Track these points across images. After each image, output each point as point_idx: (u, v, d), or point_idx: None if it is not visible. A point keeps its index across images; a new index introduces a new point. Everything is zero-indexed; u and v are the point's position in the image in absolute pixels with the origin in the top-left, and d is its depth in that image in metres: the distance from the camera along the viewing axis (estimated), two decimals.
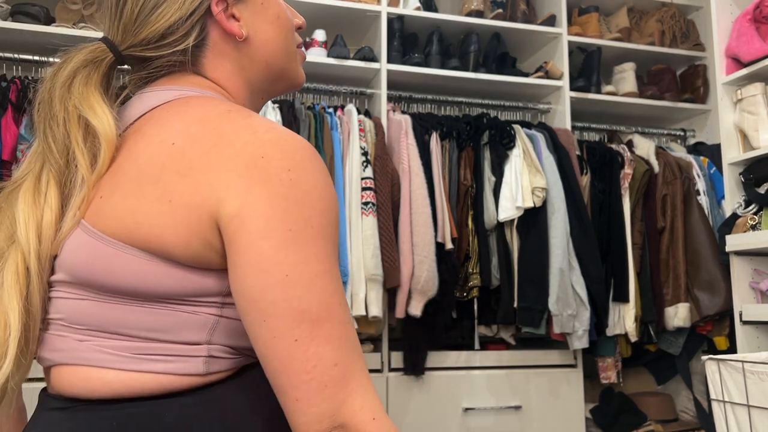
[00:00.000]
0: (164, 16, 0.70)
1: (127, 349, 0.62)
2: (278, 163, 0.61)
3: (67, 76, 0.68)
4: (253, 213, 0.59)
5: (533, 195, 2.39)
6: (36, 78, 2.22)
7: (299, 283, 0.59)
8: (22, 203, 0.64)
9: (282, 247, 0.59)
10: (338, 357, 0.60)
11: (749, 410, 1.49)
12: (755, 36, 2.26)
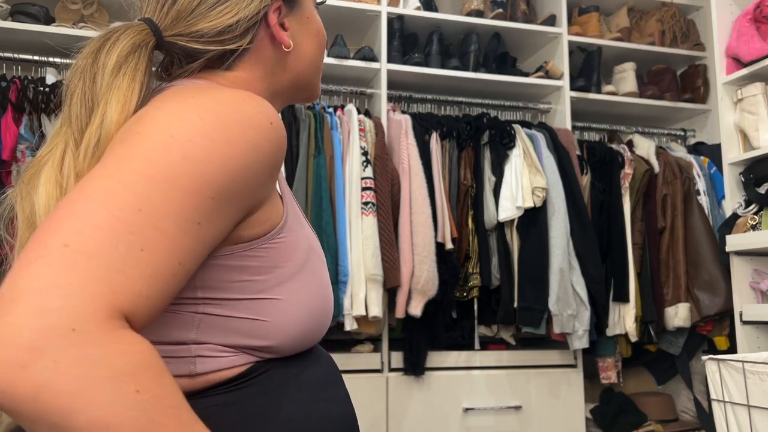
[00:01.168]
0: (227, 14, 0.69)
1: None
2: (151, 107, 0.60)
3: (116, 63, 0.64)
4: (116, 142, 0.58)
5: (533, 195, 2.39)
6: (36, 78, 2.22)
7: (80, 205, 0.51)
8: (42, 192, 0.61)
9: (110, 150, 0.57)
10: (74, 240, 0.49)
11: (749, 410, 1.49)
12: (755, 36, 2.26)
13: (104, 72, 0.63)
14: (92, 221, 0.50)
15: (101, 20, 2.49)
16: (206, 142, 0.56)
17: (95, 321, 0.46)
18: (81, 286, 0.47)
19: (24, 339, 0.44)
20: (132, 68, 0.64)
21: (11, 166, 2.06)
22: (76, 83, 0.64)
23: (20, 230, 0.62)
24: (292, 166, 2.27)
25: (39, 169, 0.63)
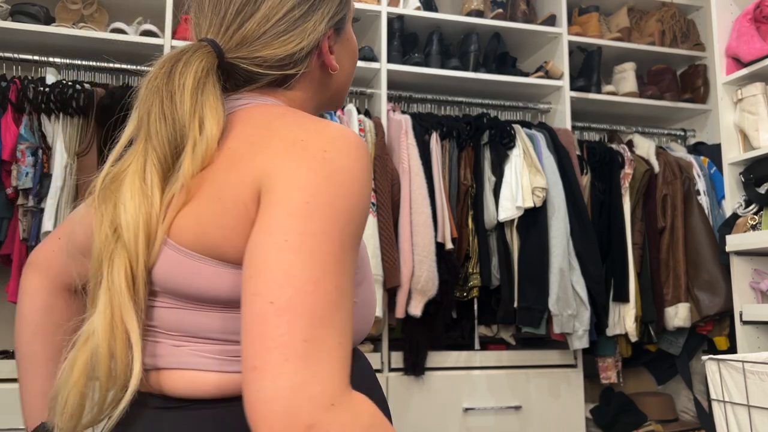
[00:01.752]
0: (290, 43, 0.74)
1: (223, 353, 0.66)
2: (316, 144, 0.63)
3: (195, 83, 0.68)
4: (281, 183, 0.60)
5: (533, 195, 2.39)
6: (35, 78, 2.22)
7: (297, 250, 0.57)
8: (129, 201, 0.65)
9: (293, 215, 0.59)
10: (310, 334, 0.55)
11: (749, 410, 1.49)
12: (755, 36, 2.26)
13: (183, 91, 0.67)
14: (315, 313, 0.56)
15: (101, 20, 2.49)
16: (354, 202, 0.62)
17: (341, 393, 0.55)
18: (329, 372, 0.54)
19: (303, 420, 0.52)
20: (211, 87, 0.69)
21: (11, 165, 2.06)
22: (152, 101, 0.67)
23: (99, 239, 0.66)
24: None
25: (120, 183, 0.66)
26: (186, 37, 2.37)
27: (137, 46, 2.34)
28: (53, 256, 0.85)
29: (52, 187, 2.06)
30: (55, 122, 2.15)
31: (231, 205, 0.62)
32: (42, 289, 0.85)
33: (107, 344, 0.62)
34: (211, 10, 0.74)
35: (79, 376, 0.62)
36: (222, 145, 0.67)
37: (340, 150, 0.63)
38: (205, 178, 0.65)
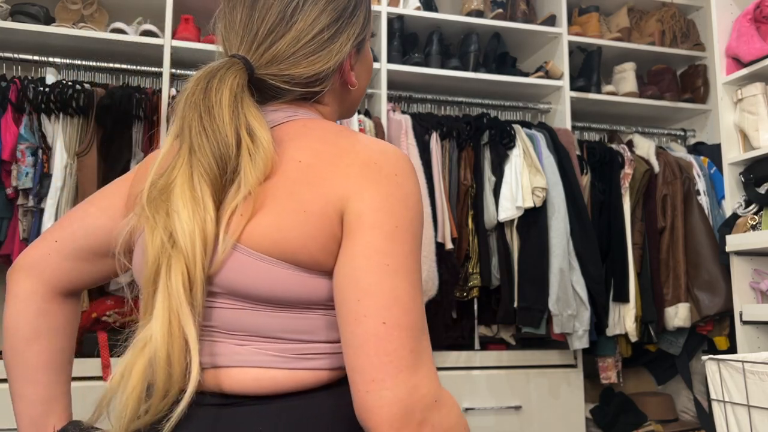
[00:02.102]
0: (317, 63, 0.78)
1: (286, 351, 0.70)
2: (387, 168, 0.70)
3: (232, 98, 0.71)
4: (367, 207, 0.67)
5: (533, 195, 2.39)
6: (35, 78, 2.22)
7: (396, 273, 0.66)
8: (182, 209, 0.68)
9: (388, 238, 0.67)
10: (414, 345, 0.65)
11: (749, 410, 1.49)
12: (755, 36, 2.26)
13: (221, 106, 0.71)
14: (416, 326, 0.66)
15: (101, 20, 2.49)
16: (421, 221, 0.72)
17: (438, 390, 0.66)
18: (429, 374, 0.65)
19: (416, 418, 0.63)
20: (249, 99, 0.74)
21: (11, 165, 2.06)
22: (192, 117, 0.71)
23: (154, 246, 0.69)
24: None
25: (169, 193, 0.70)
26: (186, 38, 2.37)
27: (137, 46, 2.34)
28: (46, 259, 0.84)
29: (52, 187, 2.06)
30: (55, 122, 2.15)
31: (316, 219, 0.68)
32: (35, 293, 0.83)
33: (165, 349, 0.65)
34: (242, 28, 0.78)
35: (137, 381, 0.65)
36: (284, 155, 0.72)
37: (407, 173, 0.72)
38: (278, 188, 0.70)
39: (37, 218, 2.06)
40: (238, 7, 0.79)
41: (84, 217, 0.85)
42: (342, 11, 0.80)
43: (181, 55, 2.41)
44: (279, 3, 0.77)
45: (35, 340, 0.83)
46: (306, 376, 0.71)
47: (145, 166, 0.85)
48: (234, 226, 0.69)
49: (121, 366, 0.67)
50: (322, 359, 0.72)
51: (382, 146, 0.74)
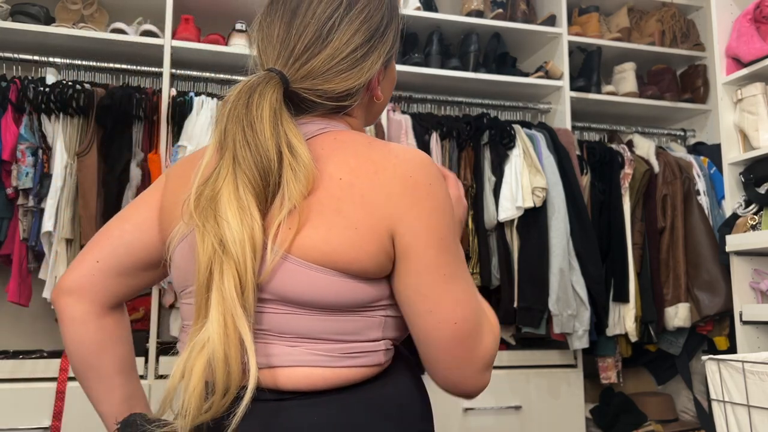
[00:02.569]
0: (349, 80, 0.82)
1: (333, 351, 0.76)
2: (421, 179, 0.77)
3: (271, 113, 0.76)
4: (416, 229, 0.76)
5: (533, 195, 2.39)
6: (36, 78, 2.22)
7: (454, 278, 0.78)
8: (231, 217, 0.73)
9: (439, 251, 0.77)
10: (478, 329, 0.80)
11: (749, 410, 1.49)
12: (755, 36, 2.26)
13: (262, 121, 0.75)
14: (477, 313, 0.81)
15: (101, 20, 2.49)
16: (453, 219, 0.81)
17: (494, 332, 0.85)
18: (486, 346, 0.82)
19: (485, 382, 0.85)
20: (287, 115, 0.78)
21: (11, 165, 2.06)
22: (235, 130, 0.76)
23: (205, 253, 0.73)
24: None
25: (216, 202, 0.74)
26: (186, 38, 2.37)
27: (137, 46, 2.34)
28: (91, 280, 0.89)
29: (52, 187, 2.06)
30: (55, 122, 2.15)
31: (366, 235, 0.75)
32: (89, 313, 0.90)
33: (223, 350, 0.69)
34: (279, 43, 0.82)
35: (198, 380, 0.69)
36: (324, 172, 0.77)
37: (435, 176, 0.79)
38: (323, 204, 0.75)
39: (38, 218, 2.06)
40: (276, 22, 0.83)
41: (122, 235, 0.90)
42: (374, 31, 0.84)
43: (181, 55, 2.41)
44: (316, 21, 0.81)
45: (103, 353, 0.90)
46: (351, 372, 0.77)
47: (176, 176, 0.89)
48: (282, 238, 0.74)
49: (180, 366, 0.71)
50: (365, 357, 0.78)
51: (409, 155, 0.79)
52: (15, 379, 2.00)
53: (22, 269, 2.07)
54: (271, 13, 0.85)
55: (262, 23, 0.85)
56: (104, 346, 0.91)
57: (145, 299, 2.20)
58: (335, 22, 0.82)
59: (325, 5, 0.82)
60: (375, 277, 0.77)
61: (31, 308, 2.21)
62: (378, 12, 0.85)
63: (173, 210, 0.84)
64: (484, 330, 0.82)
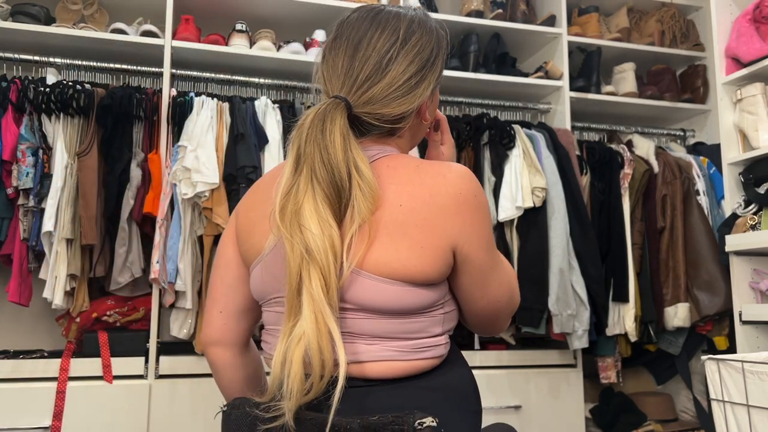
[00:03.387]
0: (404, 105, 0.96)
1: (404, 347, 0.91)
2: (467, 192, 0.92)
3: (342, 137, 0.89)
4: (471, 241, 0.92)
5: (533, 195, 2.40)
6: (36, 78, 2.22)
7: (495, 269, 0.97)
8: (314, 227, 0.86)
9: (487, 252, 0.95)
10: (516, 300, 1.04)
11: (749, 410, 1.49)
12: (755, 36, 2.27)
13: (335, 146, 0.88)
14: (514, 290, 1.04)
15: (101, 20, 2.49)
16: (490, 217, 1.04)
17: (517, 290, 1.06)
18: (517, 292, 1.04)
19: (510, 316, 1.07)
20: (354, 140, 0.91)
21: (12, 165, 2.06)
22: (313, 152, 0.89)
23: (294, 259, 0.85)
24: None
25: (299, 214, 0.87)
26: (186, 38, 2.37)
27: (137, 46, 2.34)
28: (223, 328, 1.08)
29: (53, 187, 2.06)
30: (55, 122, 2.15)
31: (431, 251, 0.89)
32: (233, 356, 1.09)
33: (317, 341, 0.82)
34: (344, 73, 0.95)
35: (298, 368, 0.82)
36: (385, 197, 0.90)
37: (477, 187, 0.93)
38: (388, 226, 0.89)
39: (38, 218, 2.06)
40: (340, 54, 0.96)
41: (222, 282, 1.07)
42: (426, 61, 0.97)
43: (181, 55, 2.41)
44: (376, 54, 0.95)
45: (247, 385, 1.11)
46: (420, 363, 0.92)
47: (245, 209, 1.04)
48: (354, 251, 0.87)
49: (280, 356, 0.84)
50: (430, 351, 0.93)
51: (453, 173, 0.92)
52: (15, 379, 2.00)
53: (23, 269, 2.07)
54: (335, 47, 0.97)
55: (326, 55, 0.98)
56: (249, 381, 1.11)
57: (146, 299, 2.20)
58: (393, 54, 0.95)
59: (384, 40, 0.95)
60: (436, 282, 0.92)
61: (31, 308, 2.21)
62: (428, 45, 0.99)
63: (249, 232, 1.01)
64: (515, 291, 1.02)
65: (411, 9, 1.03)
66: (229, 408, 0.96)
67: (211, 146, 2.16)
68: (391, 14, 0.99)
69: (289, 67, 2.54)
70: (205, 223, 2.15)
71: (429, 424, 0.81)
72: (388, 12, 0.99)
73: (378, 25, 0.97)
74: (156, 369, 2.12)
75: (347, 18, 1.01)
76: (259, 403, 0.90)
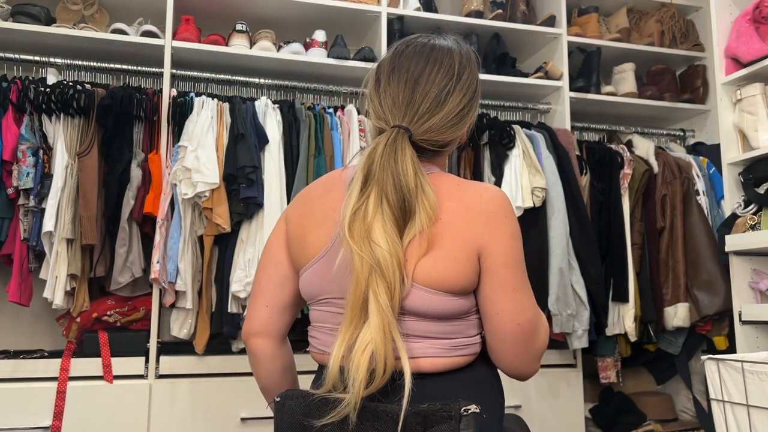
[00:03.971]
0: (456, 132, 1.10)
1: (446, 345, 1.04)
2: (499, 213, 1.04)
3: (413, 166, 1.02)
4: (495, 253, 1.03)
5: (533, 195, 2.40)
6: (36, 78, 2.22)
7: (520, 290, 1.06)
8: (383, 244, 0.97)
9: (513, 271, 1.05)
10: (536, 328, 1.07)
11: (748, 410, 1.49)
12: (755, 36, 2.27)
13: (407, 173, 1.00)
14: (535, 318, 1.09)
15: (102, 21, 2.50)
16: (521, 240, 1.10)
17: (547, 336, 1.13)
18: (543, 340, 1.11)
19: (537, 368, 1.11)
20: (421, 167, 1.04)
21: (12, 166, 2.06)
22: (385, 176, 1.00)
23: (363, 270, 0.96)
24: (292, 166, 2.27)
25: (369, 230, 0.98)
26: (186, 38, 2.37)
27: (138, 46, 2.34)
28: (267, 321, 1.18)
29: (53, 187, 2.06)
30: (56, 122, 2.16)
31: (464, 261, 1.01)
32: (273, 347, 1.20)
33: (383, 346, 0.94)
34: (405, 105, 1.07)
35: (365, 368, 0.93)
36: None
37: (509, 210, 1.06)
38: (435, 237, 1.00)
39: (38, 218, 2.06)
40: (400, 88, 1.08)
41: (270, 279, 1.18)
42: (473, 92, 1.12)
43: (181, 55, 2.41)
44: (436, 88, 1.07)
45: (284, 375, 1.23)
46: (460, 359, 1.05)
47: (295, 215, 1.15)
48: (410, 265, 1.00)
49: (339, 355, 0.96)
50: (467, 348, 1.06)
51: (490, 194, 1.05)
52: (16, 379, 2.00)
53: (23, 269, 2.07)
54: (394, 80, 1.09)
55: (383, 85, 1.10)
56: (285, 370, 1.23)
57: (146, 299, 2.20)
58: (450, 89, 1.08)
59: (441, 77, 1.08)
60: (469, 291, 1.04)
61: (31, 308, 2.21)
62: (474, 80, 1.12)
63: (302, 237, 1.11)
64: (540, 331, 1.08)
65: (454, 41, 1.15)
66: (282, 398, 1.05)
67: (212, 146, 2.16)
68: (444, 50, 1.11)
69: (289, 68, 2.54)
70: (206, 223, 2.15)
71: (473, 411, 0.93)
72: (441, 48, 1.12)
73: (435, 62, 1.09)
74: (156, 369, 2.12)
75: (402, 51, 1.13)
76: (313, 394, 1.00)
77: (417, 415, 0.94)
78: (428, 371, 1.03)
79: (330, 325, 1.08)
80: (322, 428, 0.97)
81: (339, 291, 1.04)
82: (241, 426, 2.14)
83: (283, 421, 1.03)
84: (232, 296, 2.12)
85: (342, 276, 1.01)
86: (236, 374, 2.17)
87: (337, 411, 0.95)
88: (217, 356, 2.18)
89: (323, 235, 1.08)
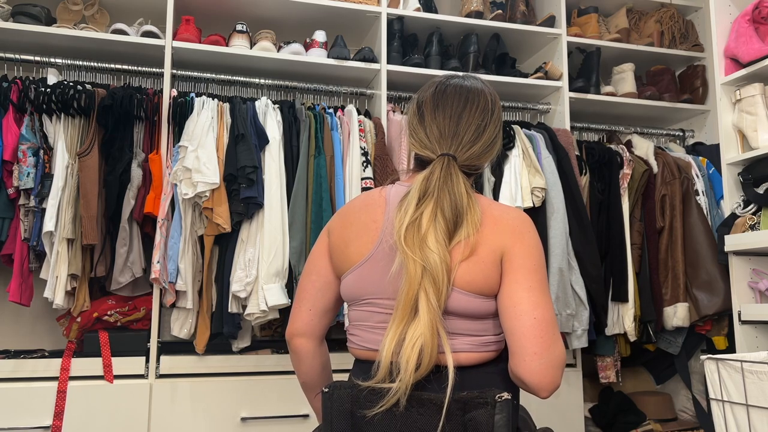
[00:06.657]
0: (489, 157, 1.29)
1: (476, 341, 1.18)
2: (523, 229, 1.20)
3: (465, 189, 1.19)
4: (517, 256, 1.17)
5: (532, 195, 2.40)
6: (37, 78, 2.22)
7: (537, 290, 1.15)
8: (436, 249, 1.12)
9: (531, 273, 1.16)
10: (553, 329, 1.14)
11: (748, 410, 1.50)
12: (754, 36, 2.27)
13: (461, 193, 1.17)
14: (552, 318, 1.15)
15: (102, 21, 2.50)
16: (543, 258, 1.22)
17: (564, 348, 1.19)
18: (561, 346, 1.16)
19: (559, 374, 1.14)
20: (470, 187, 1.22)
21: (13, 166, 2.07)
22: (443, 195, 1.17)
23: (414, 273, 1.11)
24: (292, 166, 2.27)
25: (423, 238, 1.13)
26: (186, 38, 2.37)
27: (138, 47, 2.34)
28: (310, 323, 1.33)
29: (54, 187, 2.06)
30: (56, 123, 2.16)
31: (490, 265, 1.16)
32: (315, 347, 1.36)
33: (430, 342, 1.08)
34: (450, 137, 1.24)
35: (414, 364, 1.06)
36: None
37: (531, 228, 1.21)
38: (474, 245, 1.15)
39: (39, 218, 2.07)
40: (446, 121, 1.25)
41: (314, 285, 1.32)
42: (499, 123, 1.31)
43: (181, 55, 2.41)
44: (475, 122, 1.25)
45: (322, 371, 1.38)
46: (488, 354, 1.20)
47: (338, 226, 1.29)
48: (453, 271, 1.14)
49: (390, 349, 1.08)
50: (492, 345, 1.20)
51: (513, 213, 1.22)
52: (16, 379, 2.00)
53: (24, 269, 2.07)
54: (439, 116, 1.26)
55: (429, 121, 1.26)
56: (323, 368, 1.38)
57: (146, 299, 2.20)
58: (486, 123, 1.27)
59: (479, 113, 1.26)
60: (495, 294, 1.17)
61: (32, 308, 2.22)
62: (500, 114, 1.32)
63: (345, 246, 1.25)
64: (558, 335, 1.15)
65: (481, 82, 1.33)
66: (330, 389, 1.16)
67: (212, 146, 2.16)
68: (477, 91, 1.30)
69: (289, 68, 2.55)
70: (206, 223, 2.15)
71: (506, 398, 1.07)
72: (474, 89, 1.30)
73: (473, 103, 1.27)
74: (156, 369, 2.12)
75: (444, 91, 1.29)
76: (359, 385, 1.13)
77: (458, 402, 1.08)
78: (465, 364, 1.17)
79: (371, 323, 1.22)
80: (372, 418, 1.09)
81: (381, 292, 1.19)
82: (241, 426, 2.15)
83: (333, 409, 1.14)
84: (232, 296, 2.12)
85: (383, 278, 1.17)
86: (236, 374, 2.18)
87: (386, 399, 1.08)
88: (218, 356, 2.19)
89: (365, 243, 1.22)
